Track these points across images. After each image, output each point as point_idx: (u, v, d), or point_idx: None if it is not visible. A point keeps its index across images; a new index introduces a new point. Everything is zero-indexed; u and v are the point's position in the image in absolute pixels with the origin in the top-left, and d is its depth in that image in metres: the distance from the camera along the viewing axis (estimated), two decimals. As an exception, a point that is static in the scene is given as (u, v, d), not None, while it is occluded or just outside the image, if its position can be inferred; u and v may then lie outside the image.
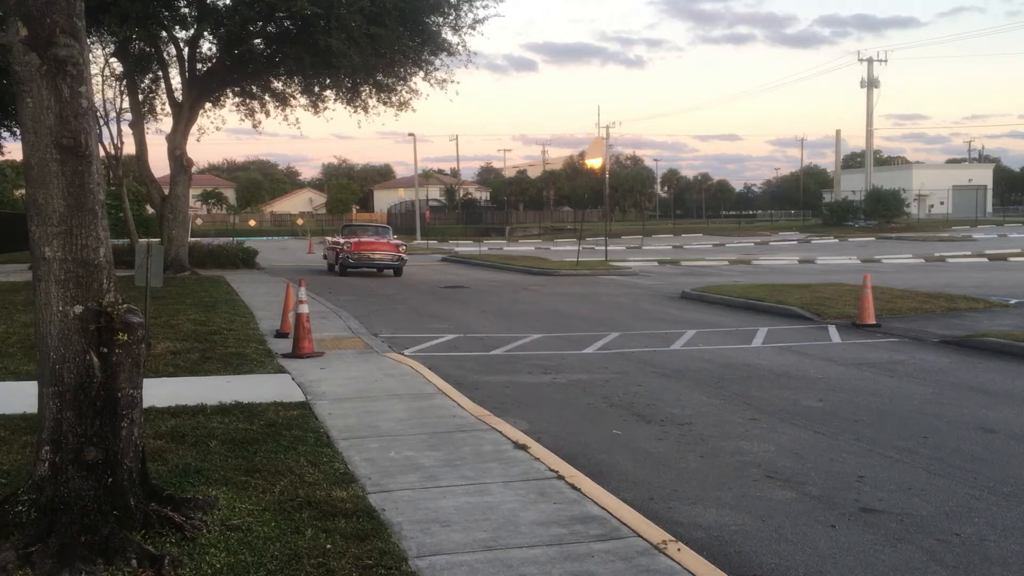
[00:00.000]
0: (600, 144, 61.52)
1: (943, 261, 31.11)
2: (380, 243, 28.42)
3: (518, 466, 6.56)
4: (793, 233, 58.70)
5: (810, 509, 6.05)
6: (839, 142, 75.23)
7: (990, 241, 44.06)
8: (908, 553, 5.25)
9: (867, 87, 66.01)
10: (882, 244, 44.11)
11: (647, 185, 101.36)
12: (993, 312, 16.02)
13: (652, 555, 4.86)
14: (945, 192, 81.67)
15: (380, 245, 28.23)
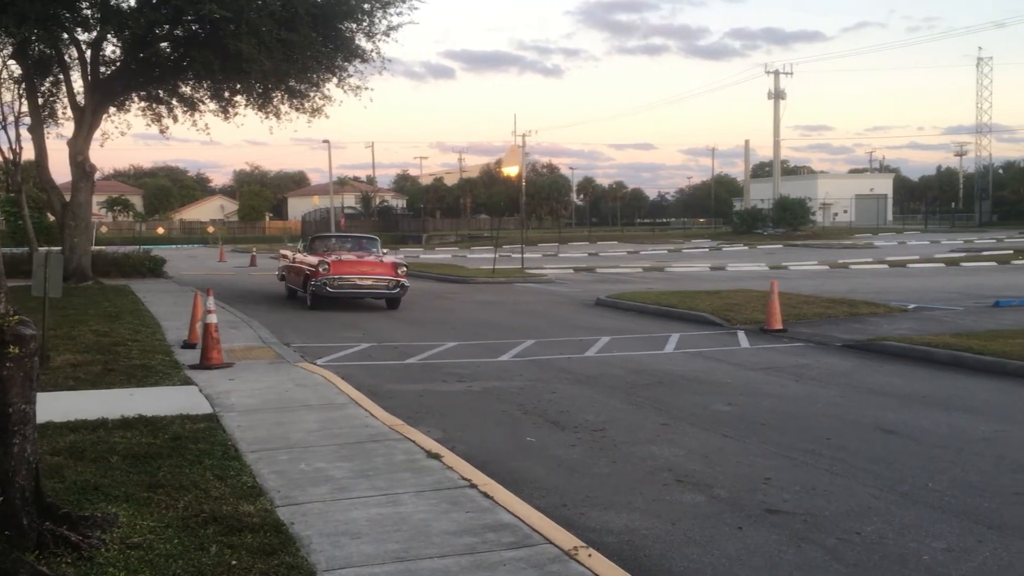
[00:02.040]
0: (517, 152, 61.83)
1: (846, 268, 32.14)
2: (368, 262, 19.86)
3: (431, 475, 6.51)
4: (705, 241, 59.93)
5: (718, 512, 6.15)
6: (748, 152, 77.19)
7: (890, 248, 45.72)
8: (811, 553, 5.39)
9: (774, 99, 67.95)
10: (789, 251, 45.37)
11: (563, 193, 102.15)
12: (893, 317, 16.61)
13: (563, 562, 4.87)
14: (848, 201, 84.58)
15: (369, 266, 19.65)
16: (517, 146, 70.93)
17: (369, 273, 19.37)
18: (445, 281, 28.87)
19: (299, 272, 20.60)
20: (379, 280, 19.29)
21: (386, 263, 19.70)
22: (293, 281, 21.46)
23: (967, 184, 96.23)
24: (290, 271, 21.94)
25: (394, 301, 19.54)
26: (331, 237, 23.53)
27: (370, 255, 20.61)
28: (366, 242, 22.36)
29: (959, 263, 33.03)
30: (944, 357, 12.25)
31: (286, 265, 22.56)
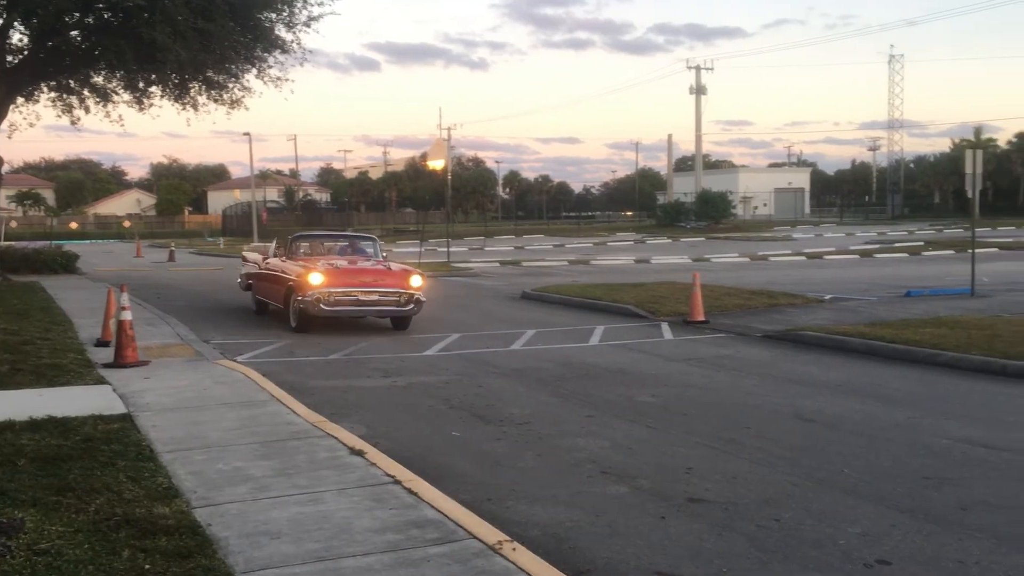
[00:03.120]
0: (442, 146, 61.63)
1: (766, 260, 32.84)
2: (373, 271, 15.18)
3: (354, 472, 6.41)
4: (629, 234, 60.59)
5: (642, 502, 6.20)
6: (671, 146, 78.30)
7: (808, 240, 46.89)
8: (732, 540, 5.46)
9: (696, 94, 69.05)
10: (711, 244, 46.16)
11: (489, 187, 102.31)
12: (810, 307, 17.02)
13: (488, 556, 4.84)
14: (768, 194, 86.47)
15: (375, 275, 14.95)
16: (443, 140, 70.69)
17: (375, 285, 14.49)
18: (370, 275, 28.56)
19: (276, 282, 15.71)
20: (388, 294, 14.47)
21: (395, 271, 14.91)
22: (266, 293, 16.57)
23: (880, 178, 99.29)
24: (262, 280, 16.95)
25: (404, 321, 14.97)
26: (318, 236, 18.10)
27: (371, 260, 16.05)
28: (362, 243, 17.44)
29: (873, 255, 34.01)
30: (858, 346, 12.59)
31: (254, 272, 17.56)
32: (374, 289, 14.52)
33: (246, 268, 18.61)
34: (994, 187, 77.30)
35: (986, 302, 17.08)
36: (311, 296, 14.12)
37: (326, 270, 14.46)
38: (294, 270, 14.93)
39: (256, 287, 17.46)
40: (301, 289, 14.28)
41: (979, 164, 18.30)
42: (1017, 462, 7.10)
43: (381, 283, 14.62)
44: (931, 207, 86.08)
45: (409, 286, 14.59)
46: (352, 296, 14.38)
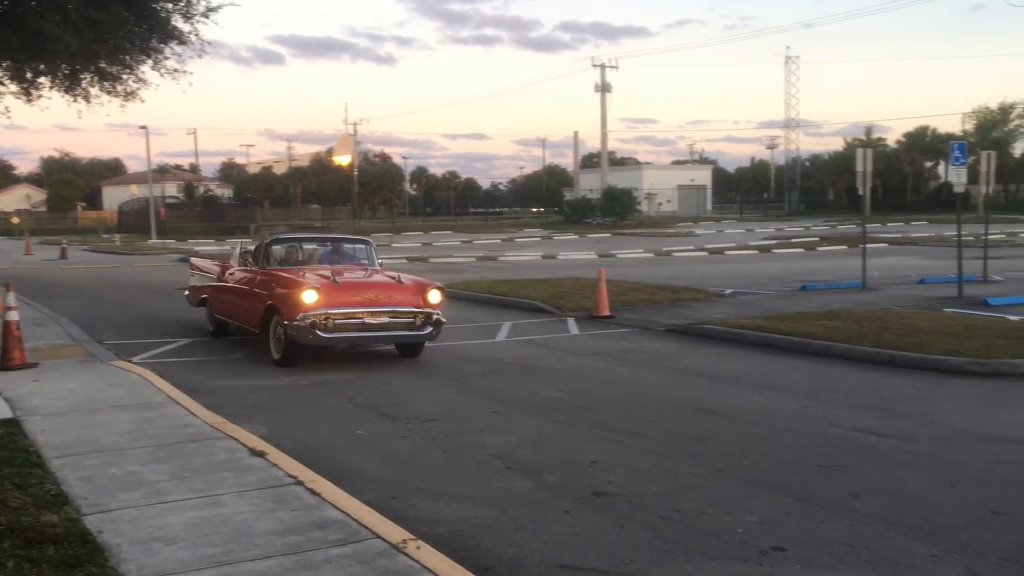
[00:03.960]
0: (348, 141, 60.92)
1: (670, 255, 33.47)
2: (379, 284, 11.71)
3: (254, 474, 6.27)
4: (537, 230, 60.95)
5: (547, 497, 6.24)
6: (577, 143, 79.11)
7: (710, 236, 47.97)
8: (634, 532, 5.54)
9: (601, 92, 69.81)
10: (617, 240, 46.80)
11: (396, 183, 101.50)
12: (711, 302, 17.41)
13: (392, 556, 4.79)
14: (672, 191, 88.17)
15: (381, 290, 11.52)
16: (349, 135, 69.90)
17: (385, 303, 11.20)
18: (274, 273, 28.02)
19: (248, 299, 12.27)
20: (400, 314, 11.24)
21: (407, 284, 11.55)
22: (231, 311, 13.18)
23: (778, 176, 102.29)
24: (223, 295, 13.48)
25: (417, 348, 11.93)
26: (299, 240, 13.52)
27: (366, 269, 12.58)
28: (353, 247, 13.57)
29: (771, 250, 35.03)
30: (756, 339, 12.94)
31: (212, 286, 14.11)
32: (383, 308, 11.10)
33: (197, 279, 15.05)
34: (884, 185, 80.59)
35: (876, 295, 17.78)
36: (304, 320, 10.72)
37: (322, 285, 10.97)
38: (277, 285, 11.40)
39: (215, 303, 13.83)
40: (290, 310, 10.85)
41: (869, 162, 19.02)
42: (904, 449, 7.40)
43: (391, 300, 11.22)
44: (826, 204, 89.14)
45: (426, 303, 11.31)
46: (357, 319, 10.99)
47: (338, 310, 10.89)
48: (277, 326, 11.28)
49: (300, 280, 11.22)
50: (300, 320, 10.75)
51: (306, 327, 10.77)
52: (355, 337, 11.29)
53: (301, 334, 10.85)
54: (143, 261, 36.07)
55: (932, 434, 7.84)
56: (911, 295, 17.76)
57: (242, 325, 12.69)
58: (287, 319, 10.91)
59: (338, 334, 11.01)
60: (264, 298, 11.63)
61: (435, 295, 11.50)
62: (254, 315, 11.94)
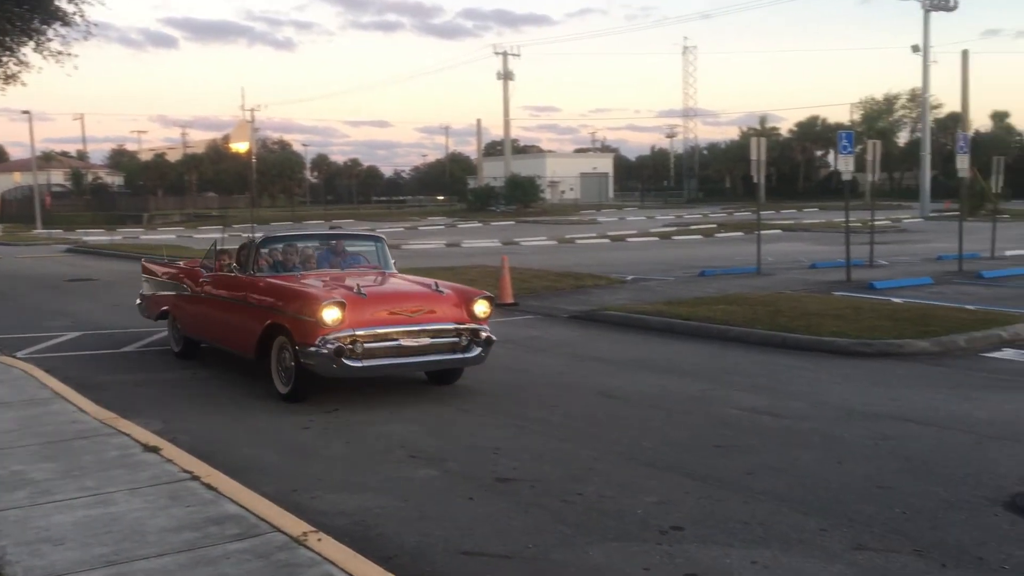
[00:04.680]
0: (246, 127, 59.46)
1: (573, 242, 33.79)
2: (414, 295, 9.08)
3: (147, 470, 6.07)
4: (441, 218, 60.74)
5: (450, 485, 6.23)
6: (480, 131, 79.22)
7: (612, 223, 48.62)
8: (537, 516, 5.59)
9: (503, 79, 69.92)
10: (521, 227, 47.02)
11: (296, 170, 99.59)
12: (614, 288, 17.67)
13: (292, 549, 4.71)
14: (574, 179, 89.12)
15: (419, 302, 8.87)
16: (246, 121, 68.28)
17: (422, 319, 8.72)
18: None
19: (240, 315, 9.57)
20: (442, 333, 8.79)
21: (446, 294, 8.99)
22: (209, 331, 10.47)
23: (677, 164, 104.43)
24: (197, 308, 10.65)
25: (458, 373, 9.49)
26: (297, 239, 10.63)
27: (385, 275, 10.06)
28: (362, 247, 10.83)
29: (671, 236, 35.74)
30: (657, 324, 13.19)
31: (180, 296, 11.11)
32: (422, 326, 8.63)
33: (152, 285, 12.09)
34: (778, 173, 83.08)
35: (770, 280, 18.34)
36: (325, 345, 8.16)
37: (346, 298, 8.40)
38: (283, 298, 8.86)
39: (184, 318, 10.94)
40: (305, 332, 8.31)
41: (763, 151, 19.57)
42: (796, 428, 7.66)
43: (431, 315, 8.73)
44: (723, 191, 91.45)
45: (472, 316, 8.91)
46: (391, 340, 8.49)
47: (367, 330, 8.33)
48: (281, 350, 8.75)
49: (316, 292, 8.59)
50: (320, 345, 8.15)
51: (329, 354, 8.12)
52: (389, 365, 8.62)
53: (322, 363, 8.22)
54: (28, 252, 34.50)
55: (822, 413, 8.14)
56: (803, 279, 18.38)
57: (225, 347, 10.17)
58: (301, 343, 8.29)
59: (369, 362, 8.36)
60: (262, 315, 8.96)
61: (483, 306, 8.98)
62: (246, 336, 9.20)
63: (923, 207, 50.51)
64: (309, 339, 8.24)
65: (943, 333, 11.22)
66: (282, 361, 8.81)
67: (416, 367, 8.99)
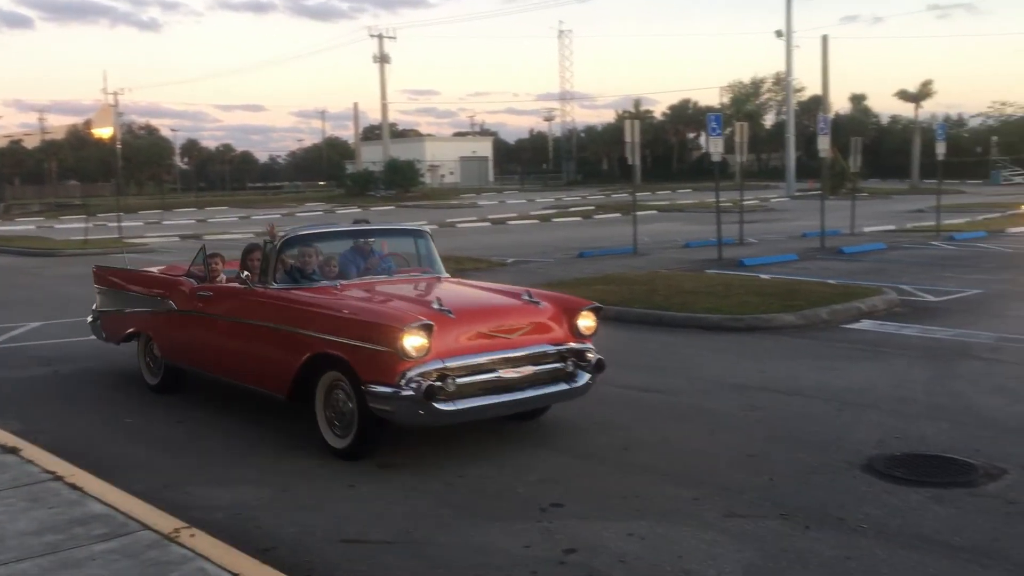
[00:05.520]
0: (109, 112, 56.71)
1: (454, 226, 33.74)
2: (506, 309, 6.87)
3: (6, 472, 5.75)
4: (319, 204, 59.61)
5: (332, 473, 6.15)
6: (357, 115, 77.98)
7: (492, 207, 48.80)
8: (420, 501, 5.58)
9: (380, 62, 69.10)
10: (401, 212, 46.64)
11: (165, 157, 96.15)
12: (494, 271, 17.74)
13: (163, 546, 4.55)
14: (454, 163, 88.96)
15: (513, 317, 6.70)
16: (109, 105, 65.18)
17: (522, 341, 6.61)
18: (29, 255, 25.84)
19: (261, 343, 7.18)
20: (544, 358, 6.67)
21: (542, 307, 6.89)
22: (214, 362, 7.90)
23: (556, 147, 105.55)
24: (191, 332, 8.10)
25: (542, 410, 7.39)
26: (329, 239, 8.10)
27: (448, 280, 8.15)
28: (405, 244, 8.66)
29: (551, 219, 36.14)
30: (537, 305, 13.31)
31: (162, 314, 8.45)
32: (523, 351, 6.55)
33: (116, 302, 9.33)
34: (653, 155, 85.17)
35: (646, 259, 18.79)
36: (411, 383, 6.02)
37: (433, 316, 6.24)
38: (341, 319, 6.53)
39: (169, 345, 8.42)
40: (378, 366, 6.12)
41: (637, 134, 19.99)
42: (671, 402, 7.89)
43: (531, 336, 6.66)
44: (601, 174, 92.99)
45: (576, 333, 6.88)
46: (489, 371, 6.38)
47: (459, 361, 6.21)
48: (332, 390, 6.55)
49: (391, 311, 6.46)
50: (401, 385, 5.99)
51: (415, 397, 5.96)
52: (489, 406, 6.34)
53: (403, 409, 6.03)
54: None
55: (695, 387, 8.40)
56: (677, 258, 18.91)
57: (237, 383, 7.65)
58: (370, 381, 6.11)
59: (463, 403, 6.17)
60: (301, 343, 6.67)
61: (588, 320, 6.94)
62: (275, 371, 6.94)
63: (788, 187, 52.67)
64: (383, 376, 6.03)
65: (807, 307, 11.73)
66: (334, 404, 6.53)
67: (519, 405, 6.63)
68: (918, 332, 10.67)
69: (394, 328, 6.04)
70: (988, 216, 29.28)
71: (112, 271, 9.74)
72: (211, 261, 8.29)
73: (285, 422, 7.40)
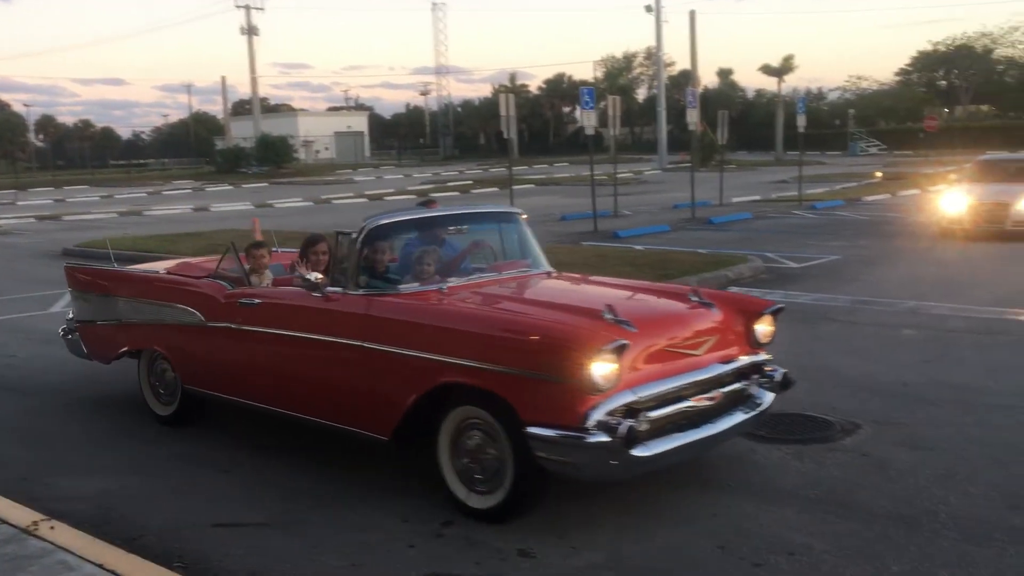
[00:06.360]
0: (-47, 85, 53.13)
1: (330, 203, 33.19)
2: (682, 316, 5.24)
3: None
4: (188, 181, 57.52)
5: (205, 458, 6.01)
6: (225, 89, 75.33)
7: (369, 183, 48.16)
8: (296, 482, 5.49)
9: (248, 35, 66.93)
10: (275, 189, 45.52)
11: (19, 133, 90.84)
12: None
13: (21, 540, 4.35)
14: (329, 138, 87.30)
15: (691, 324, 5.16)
16: (-46, 78, 60.99)
17: (707, 359, 5.12)
18: None
19: (354, 369, 5.26)
20: (726, 378, 5.16)
21: (715, 313, 5.33)
22: (275, 393, 5.91)
23: (433, 122, 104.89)
24: (233, 352, 6.12)
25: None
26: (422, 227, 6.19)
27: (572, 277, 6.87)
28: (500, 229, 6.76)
29: (429, 194, 35.95)
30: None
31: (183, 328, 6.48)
32: (709, 371, 5.08)
33: (104, 310, 7.35)
34: (529, 129, 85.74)
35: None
36: (602, 420, 4.44)
37: (617, 330, 4.70)
38: (486, 336, 4.86)
39: (194, 367, 6.51)
40: (553, 403, 4.50)
41: (512, 108, 20.02)
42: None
43: (716, 351, 5.23)
44: (478, 148, 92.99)
45: (753, 342, 5.46)
46: (681, 399, 4.87)
47: (650, 389, 4.72)
48: (465, 430, 4.92)
49: (566, 326, 4.80)
50: (591, 428, 4.42)
51: (614, 445, 4.42)
52: (682, 448, 4.81)
53: (592, 460, 4.52)
54: None
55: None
56: (554, 231, 19.12)
57: (310, 419, 5.69)
58: (539, 424, 4.51)
59: (657, 446, 4.66)
60: (418, 370, 4.97)
61: (768, 325, 5.52)
62: (376, 406, 5.22)
63: (661, 159, 53.94)
64: (558, 416, 4.47)
65: (678, 276, 12.07)
66: (470, 449, 4.89)
67: (712, 443, 5.13)
68: (781, 297, 11.10)
69: (580, 350, 4.42)
70: (846, 186, 30.78)
71: (90, 271, 7.81)
72: (255, 254, 6.43)
73: (151, 411, 7.15)
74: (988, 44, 74.31)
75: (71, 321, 7.79)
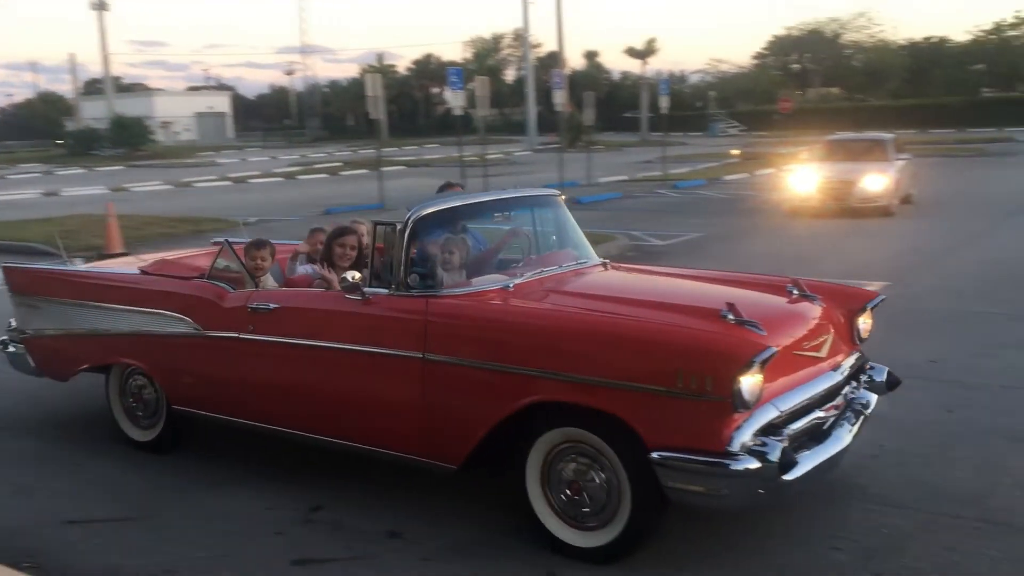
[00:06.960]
0: None
1: (191, 186, 32.03)
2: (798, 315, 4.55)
3: None
4: (36, 165, 54.33)
5: (55, 454, 5.74)
6: (74, 67, 72.16)
7: (233, 165, 46.75)
8: (153, 475, 5.32)
9: (97, 10, 63.66)
10: (132, 172, 43.56)
11: None
12: (234, 230, 17.02)
13: None
14: (189, 119, 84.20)
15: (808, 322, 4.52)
16: None
17: (829, 363, 4.55)
18: None
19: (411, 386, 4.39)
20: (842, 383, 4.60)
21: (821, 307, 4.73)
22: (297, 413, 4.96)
23: (299, 102, 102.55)
24: (243, 367, 5.07)
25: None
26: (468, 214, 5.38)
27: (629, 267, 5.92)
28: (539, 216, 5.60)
29: (296, 176, 35.16)
30: (282, 264, 12.94)
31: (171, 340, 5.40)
32: (833, 376, 4.50)
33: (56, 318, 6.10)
34: (398, 110, 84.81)
35: (395, 214, 18.69)
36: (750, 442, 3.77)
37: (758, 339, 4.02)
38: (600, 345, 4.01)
39: (180, 384, 5.45)
40: (695, 422, 3.77)
41: (379, 88, 19.82)
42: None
43: (835, 354, 4.64)
44: (347, 130, 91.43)
45: (856, 337, 4.90)
46: (810, 410, 4.23)
47: (789, 402, 4.11)
48: (559, 457, 4.18)
49: (704, 333, 4.07)
50: (738, 452, 3.74)
51: (768, 471, 3.74)
52: (823, 466, 4.13)
53: (738, 491, 3.79)
54: None
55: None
56: (424, 212, 19.04)
57: (356, 444, 4.77)
58: (670, 448, 3.79)
59: (803, 466, 3.94)
60: (502, 386, 4.17)
61: (867, 321, 4.97)
62: (446, 430, 4.39)
63: (530, 140, 54.47)
64: (695, 439, 3.78)
65: (547, 254, 12.23)
66: (565, 478, 4.15)
67: (841, 459, 4.32)
68: (646, 274, 11.46)
69: (730, 361, 3.73)
70: (707, 165, 31.85)
71: (48, 274, 6.44)
72: (256, 255, 5.44)
73: (5, 404, 6.77)
74: (837, 29, 78.05)
75: (14, 332, 6.46)
